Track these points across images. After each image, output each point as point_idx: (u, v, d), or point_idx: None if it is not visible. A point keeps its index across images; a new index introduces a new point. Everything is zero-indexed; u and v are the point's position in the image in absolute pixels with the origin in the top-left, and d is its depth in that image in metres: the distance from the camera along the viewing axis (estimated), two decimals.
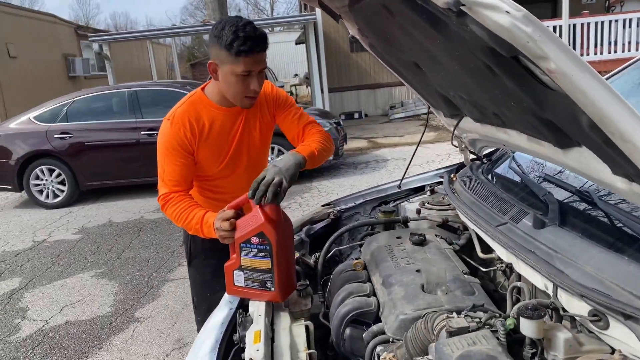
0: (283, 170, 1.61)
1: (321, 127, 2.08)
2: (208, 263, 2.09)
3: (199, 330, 2.16)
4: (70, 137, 7.25)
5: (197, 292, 2.19)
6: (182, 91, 7.68)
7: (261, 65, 1.73)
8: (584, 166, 1.27)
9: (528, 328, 1.11)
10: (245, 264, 1.56)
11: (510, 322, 1.18)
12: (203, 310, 2.08)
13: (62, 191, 7.38)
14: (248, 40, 1.63)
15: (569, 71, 0.87)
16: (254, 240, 1.53)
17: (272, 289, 1.55)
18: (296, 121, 2.02)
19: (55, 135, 7.25)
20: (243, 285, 1.59)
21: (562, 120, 1.15)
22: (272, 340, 1.41)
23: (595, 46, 11.11)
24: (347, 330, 1.48)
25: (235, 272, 1.59)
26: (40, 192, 7.37)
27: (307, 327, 1.51)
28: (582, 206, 1.56)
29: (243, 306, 1.69)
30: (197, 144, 1.85)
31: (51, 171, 7.33)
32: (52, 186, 7.36)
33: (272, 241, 1.51)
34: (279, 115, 2.03)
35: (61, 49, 14.94)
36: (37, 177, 7.33)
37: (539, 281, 1.33)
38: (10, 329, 3.82)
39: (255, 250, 1.54)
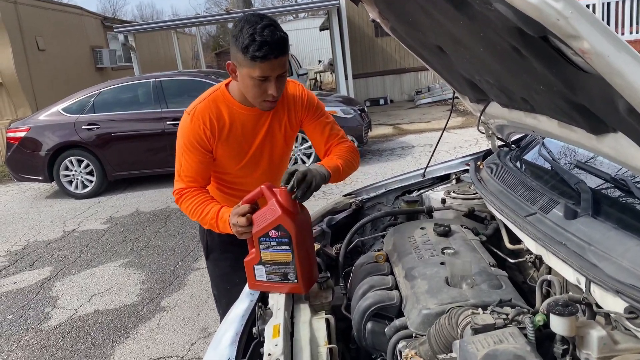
0: (314, 173, 1.58)
1: (350, 141, 1.99)
2: (226, 257, 2.06)
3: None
4: (97, 128, 7.36)
5: (217, 286, 2.17)
6: (207, 81, 7.71)
7: (279, 71, 1.63)
8: (619, 153, 1.19)
9: (559, 325, 1.05)
10: (266, 258, 1.53)
11: (539, 318, 1.13)
12: (224, 303, 2.07)
13: (91, 181, 7.52)
14: (264, 46, 1.54)
15: (604, 51, 0.80)
16: (273, 233, 1.49)
17: (296, 281, 1.52)
18: (327, 132, 1.93)
19: (83, 127, 7.37)
20: (265, 280, 1.55)
21: (596, 105, 1.07)
22: (292, 334, 1.38)
23: (631, 24, 10.62)
24: (369, 325, 1.44)
25: (255, 267, 1.55)
26: (70, 182, 7.52)
27: (327, 320, 1.47)
28: (617, 195, 1.48)
29: (263, 299, 1.67)
30: (216, 142, 1.79)
31: (80, 162, 7.47)
32: (81, 177, 7.50)
33: (292, 233, 1.47)
34: (307, 121, 1.94)
35: (88, 41, 15.15)
36: (67, 168, 7.48)
37: (570, 275, 1.27)
38: (41, 318, 3.91)
39: (275, 243, 1.50)
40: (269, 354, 1.24)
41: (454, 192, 2.12)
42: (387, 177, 2.59)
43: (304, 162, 7.30)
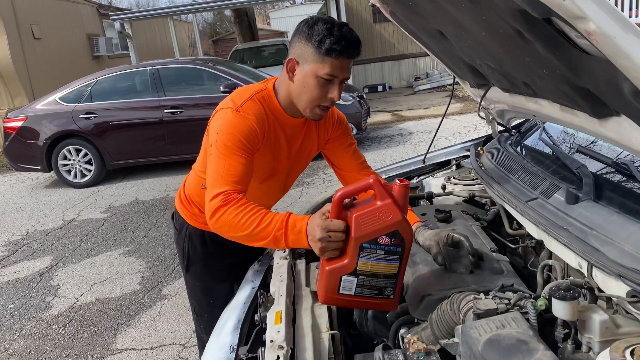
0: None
1: (372, 170, 1.84)
2: (209, 270, 1.92)
3: (200, 342, 2.07)
4: (95, 116, 7.32)
5: (198, 301, 1.99)
6: (204, 68, 7.66)
7: (346, 74, 1.49)
8: (622, 137, 1.18)
9: (561, 310, 1.05)
10: (363, 269, 1.26)
11: (541, 303, 1.13)
12: (205, 320, 1.91)
13: (90, 171, 7.50)
14: (343, 40, 1.41)
15: (611, 32, 0.78)
16: (384, 240, 1.23)
17: (392, 297, 1.29)
18: (354, 155, 1.79)
19: (81, 116, 7.33)
20: (352, 293, 1.28)
21: (600, 88, 1.06)
22: (294, 320, 1.38)
23: (638, 7, 10.44)
24: (370, 311, 1.45)
25: (345, 277, 1.27)
26: (69, 171, 7.49)
27: (329, 306, 1.47)
28: (619, 179, 1.48)
29: (264, 285, 1.67)
30: (258, 147, 1.57)
31: (78, 151, 7.44)
32: (80, 166, 7.48)
33: (407, 241, 1.24)
34: (334, 140, 1.78)
35: (84, 29, 15.01)
36: (65, 157, 7.45)
37: (572, 260, 1.27)
38: (42, 307, 3.92)
39: (382, 252, 1.24)
40: (272, 340, 1.24)
41: (454, 178, 2.11)
42: (386, 164, 2.58)
43: None
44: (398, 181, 1.27)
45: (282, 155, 1.69)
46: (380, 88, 14.27)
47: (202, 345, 1.84)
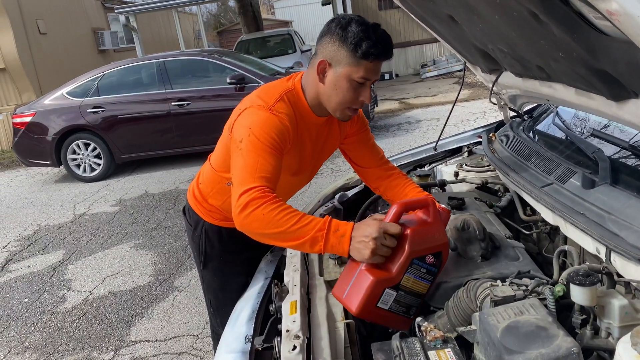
0: None
1: (392, 164, 1.81)
2: (227, 265, 1.91)
3: (214, 335, 2.08)
4: (102, 110, 7.34)
5: (215, 296, 1.98)
6: (210, 60, 7.64)
7: (378, 76, 1.49)
8: None
9: (580, 295, 1.04)
10: (405, 284, 1.24)
11: (559, 288, 1.12)
12: (222, 314, 1.87)
13: (99, 165, 7.53)
14: (379, 44, 1.39)
15: (635, 11, 0.76)
16: (430, 259, 1.25)
17: (412, 317, 1.27)
18: (373, 151, 1.77)
19: (89, 110, 7.34)
20: (387, 308, 1.25)
21: (619, 70, 1.04)
22: (309, 310, 1.38)
23: None
24: None
25: (388, 290, 1.23)
26: (78, 166, 7.53)
27: None
28: (636, 162, 1.45)
29: (278, 276, 1.67)
30: (288, 149, 1.53)
31: (87, 145, 7.46)
32: (89, 160, 7.51)
33: (443, 264, 1.27)
34: (354, 136, 1.76)
35: (89, 23, 15.00)
36: (74, 152, 7.48)
37: (589, 245, 1.25)
38: (56, 300, 3.96)
39: (425, 270, 1.25)
40: (287, 330, 1.24)
41: (466, 164, 2.09)
42: (394, 152, 2.56)
43: None
44: (443, 205, 1.31)
45: (307, 156, 1.68)
46: (387, 76, 14.18)
47: (217, 339, 1.84)
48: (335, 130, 1.72)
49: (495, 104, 2.18)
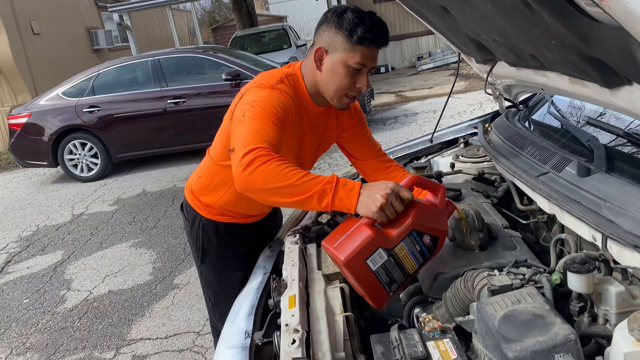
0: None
1: (389, 157, 1.81)
2: (224, 260, 1.91)
3: (214, 331, 2.07)
4: (98, 110, 7.32)
5: (214, 291, 1.98)
6: (205, 57, 7.62)
7: (375, 63, 1.49)
8: (635, 105, 1.16)
9: (577, 283, 1.04)
10: (398, 252, 1.24)
11: (556, 277, 1.12)
12: (222, 309, 1.88)
13: (96, 164, 7.51)
14: (375, 29, 1.41)
15: None
16: (427, 239, 1.26)
17: (390, 294, 1.26)
18: (370, 144, 1.78)
19: (84, 109, 7.32)
20: (373, 269, 1.22)
21: (612, 57, 1.03)
22: (308, 304, 1.38)
23: None
24: None
25: (380, 250, 1.22)
26: (75, 166, 7.52)
27: (342, 289, 1.47)
28: (631, 150, 1.46)
29: (277, 271, 1.67)
30: (288, 126, 1.52)
31: (84, 145, 7.45)
32: (86, 160, 7.50)
33: (436, 253, 1.30)
34: (351, 129, 1.77)
35: (83, 23, 14.93)
36: (71, 152, 7.46)
37: (585, 232, 1.25)
38: (57, 300, 3.96)
39: (418, 248, 1.26)
40: (287, 324, 1.24)
41: (462, 155, 2.10)
42: (392, 145, 2.56)
43: None
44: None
45: (306, 143, 1.68)
46: (382, 69, 14.17)
47: (217, 335, 1.84)
48: (333, 122, 1.73)
49: (491, 95, 2.18)
